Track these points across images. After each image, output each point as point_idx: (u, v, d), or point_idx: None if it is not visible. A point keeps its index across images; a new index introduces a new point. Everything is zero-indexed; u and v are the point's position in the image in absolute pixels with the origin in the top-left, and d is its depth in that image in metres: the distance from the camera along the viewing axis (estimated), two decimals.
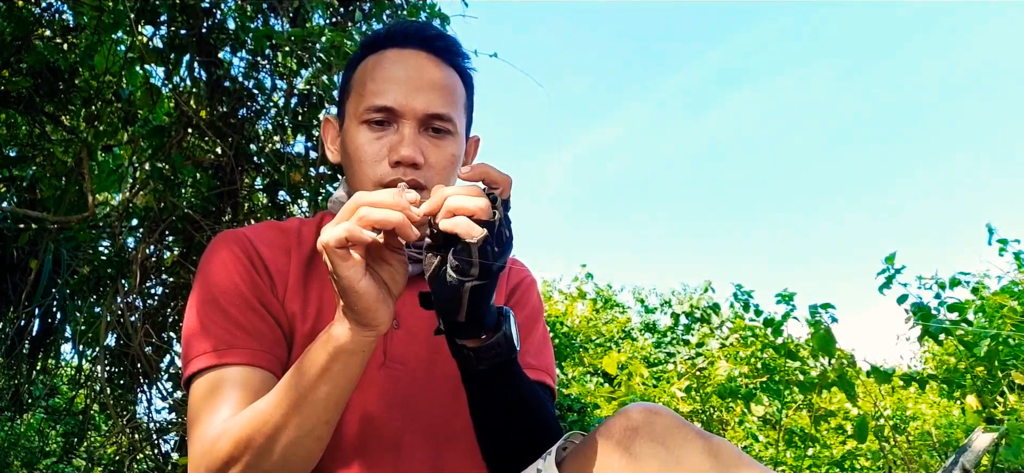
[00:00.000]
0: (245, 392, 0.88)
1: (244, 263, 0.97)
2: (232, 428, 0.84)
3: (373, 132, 0.97)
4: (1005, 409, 2.92)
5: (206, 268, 0.98)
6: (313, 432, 0.82)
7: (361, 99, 0.98)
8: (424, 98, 0.96)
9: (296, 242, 1.03)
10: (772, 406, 3.94)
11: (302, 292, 0.99)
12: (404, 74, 0.97)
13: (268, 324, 0.95)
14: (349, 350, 0.79)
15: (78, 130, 2.87)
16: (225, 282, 0.95)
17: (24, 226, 2.77)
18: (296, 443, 0.82)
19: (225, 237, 1.00)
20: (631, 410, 0.81)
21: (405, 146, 0.94)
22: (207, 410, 0.88)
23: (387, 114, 0.96)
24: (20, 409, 3.45)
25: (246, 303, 0.94)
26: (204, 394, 0.90)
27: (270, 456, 0.82)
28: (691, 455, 0.75)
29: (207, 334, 0.92)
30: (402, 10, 2.92)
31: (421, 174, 0.95)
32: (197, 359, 0.91)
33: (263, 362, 0.92)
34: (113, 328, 2.75)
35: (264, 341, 0.93)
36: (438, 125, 0.98)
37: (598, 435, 0.81)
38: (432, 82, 0.98)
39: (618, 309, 8.31)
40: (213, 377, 0.90)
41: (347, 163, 1.02)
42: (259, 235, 1.01)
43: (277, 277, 0.99)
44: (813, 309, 3.07)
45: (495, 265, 0.77)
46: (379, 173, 0.96)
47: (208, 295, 0.95)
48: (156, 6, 2.53)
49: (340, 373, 0.80)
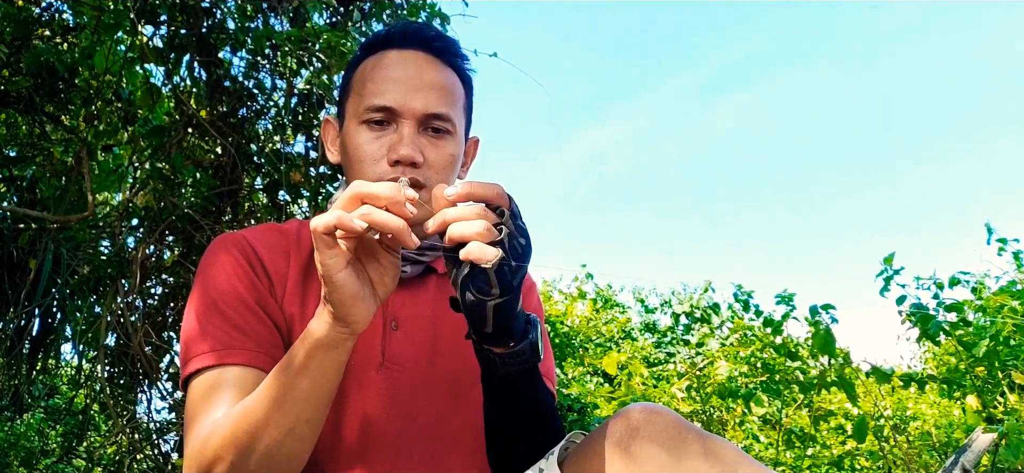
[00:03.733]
0: (241, 393, 0.88)
1: (243, 265, 0.97)
2: (219, 427, 0.84)
3: (372, 132, 0.97)
4: (1005, 409, 2.92)
5: (205, 270, 0.98)
6: (294, 431, 0.81)
7: (361, 99, 0.99)
8: (423, 98, 0.97)
9: (295, 244, 1.03)
10: (772, 406, 3.94)
11: (301, 295, 1.00)
12: (403, 74, 0.98)
13: (266, 326, 0.95)
14: (325, 345, 0.79)
15: (78, 130, 2.87)
16: (224, 284, 0.95)
17: (24, 226, 2.77)
18: (278, 442, 0.81)
19: (224, 240, 1.01)
20: (631, 410, 0.81)
21: (404, 145, 0.94)
22: (202, 410, 0.89)
23: (386, 114, 0.97)
24: (20, 409, 3.45)
25: (244, 305, 0.95)
26: (201, 395, 0.90)
27: (252, 454, 0.81)
28: (690, 456, 0.75)
29: (205, 335, 0.92)
30: (402, 10, 2.92)
31: (420, 173, 0.96)
32: (195, 360, 0.92)
33: (260, 363, 0.92)
34: (113, 328, 2.75)
35: (262, 343, 0.93)
36: (437, 125, 0.98)
37: (598, 435, 0.81)
38: (431, 82, 0.98)
39: (618, 309, 8.31)
40: (210, 378, 0.90)
41: (347, 163, 1.02)
42: (258, 237, 1.01)
43: (276, 279, 0.99)
44: (813, 309, 3.06)
45: (515, 282, 0.77)
46: (378, 172, 0.96)
47: (207, 297, 0.95)
48: (156, 6, 2.53)
49: (317, 369, 0.79)
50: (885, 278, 3.15)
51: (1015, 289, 3.29)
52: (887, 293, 3.15)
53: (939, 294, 3.16)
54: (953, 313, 3.01)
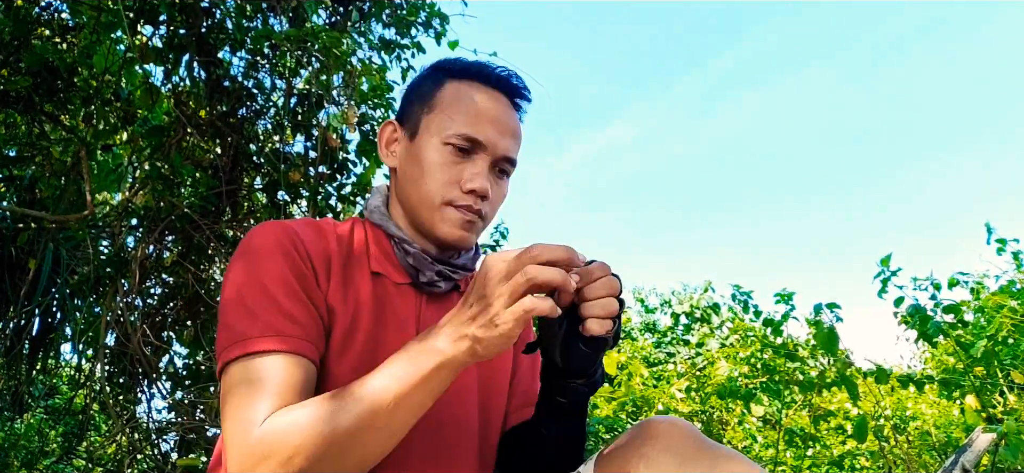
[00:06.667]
0: (294, 381, 0.88)
1: (292, 254, 0.98)
2: (301, 421, 0.83)
3: (455, 156, 1.04)
4: (1005, 409, 2.92)
5: (253, 254, 0.97)
6: (396, 435, 0.85)
7: (450, 122, 1.05)
8: (506, 143, 1.06)
9: (335, 243, 1.05)
10: (772, 406, 3.94)
11: (342, 291, 1.02)
12: (494, 115, 1.06)
13: (313, 317, 0.96)
14: (455, 367, 0.83)
15: (77, 129, 2.87)
16: (274, 270, 0.96)
17: (23, 225, 2.77)
18: (377, 443, 0.85)
19: (271, 226, 1.01)
20: (655, 421, 0.92)
21: (482, 179, 1.04)
22: (254, 397, 0.86)
23: (472, 145, 1.04)
24: (20, 409, 3.45)
25: (294, 293, 0.95)
26: (252, 380, 0.88)
27: (347, 455, 0.83)
28: (698, 469, 0.84)
29: (254, 319, 0.91)
30: (401, 9, 2.92)
31: (484, 205, 1.06)
32: (244, 343, 0.90)
33: (309, 353, 0.93)
34: (113, 328, 2.75)
35: (310, 332, 0.94)
36: (505, 167, 1.09)
37: (623, 440, 0.93)
38: (513, 129, 1.08)
39: None
40: (262, 363, 0.89)
41: (413, 173, 1.07)
42: (303, 230, 1.03)
43: (321, 272, 1.01)
44: (817, 308, 3.05)
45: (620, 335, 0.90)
46: (451, 195, 1.04)
47: (255, 280, 0.95)
48: (155, 6, 2.53)
49: (438, 384, 0.84)
50: (882, 280, 3.14)
51: (1015, 289, 3.29)
52: (884, 294, 3.14)
53: (936, 295, 3.15)
54: (950, 314, 3.01)
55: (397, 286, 1.08)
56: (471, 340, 0.81)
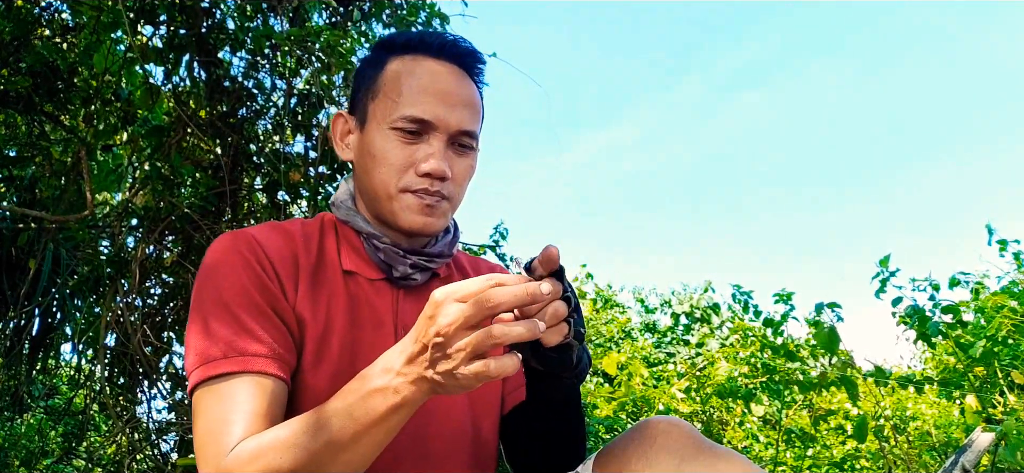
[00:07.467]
0: (258, 402, 0.86)
1: (253, 266, 0.93)
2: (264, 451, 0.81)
3: (403, 140, 0.98)
4: (1005, 409, 2.92)
5: (213, 270, 0.94)
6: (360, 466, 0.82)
7: (394, 105, 0.98)
8: (458, 115, 0.99)
9: (303, 247, 1.01)
10: (772, 406, 3.94)
11: (311, 298, 0.97)
12: (440, 88, 0.99)
13: (279, 330, 0.92)
14: (412, 404, 0.79)
15: (77, 130, 2.87)
16: (235, 285, 0.92)
17: (23, 225, 2.77)
18: None
19: (230, 238, 0.97)
20: (655, 421, 0.91)
21: (437, 160, 0.97)
22: (221, 421, 0.85)
23: (420, 126, 0.98)
24: (20, 409, 3.45)
25: (257, 308, 0.91)
26: (215, 403, 0.86)
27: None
28: (696, 468, 0.84)
29: (215, 339, 0.89)
30: (401, 9, 2.92)
31: (445, 186, 0.99)
32: (206, 366, 0.88)
33: (275, 370, 0.89)
34: (113, 328, 2.75)
35: (275, 348, 0.90)
36: (464, 141, 1.01)
37: (623, 439, 0.92)
38: (465, 100, 1.00)
39: (618, 309, 8.30)
40: (225, 386, 0.87)
41: (367, 164, 1.01)
42: (266, 238, 0.98)
43: (287, 282, 0.96)
44: (818, 308, 3.05)
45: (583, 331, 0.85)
46: (405, 181, 0.98)
47: (216, 298, 0.91)
48: (155, 6, 2.53)
49: (397, 423, 0.80)
50: (881, 280, 3.15)
51: (1016, 290, 3.29)
52: (883, 295, 3.14)
53: (935, 295, 3.15)
54: (949, 314, 3.01)
55: (372, 282, 1.02)
56: (431, 384, 0.76)
